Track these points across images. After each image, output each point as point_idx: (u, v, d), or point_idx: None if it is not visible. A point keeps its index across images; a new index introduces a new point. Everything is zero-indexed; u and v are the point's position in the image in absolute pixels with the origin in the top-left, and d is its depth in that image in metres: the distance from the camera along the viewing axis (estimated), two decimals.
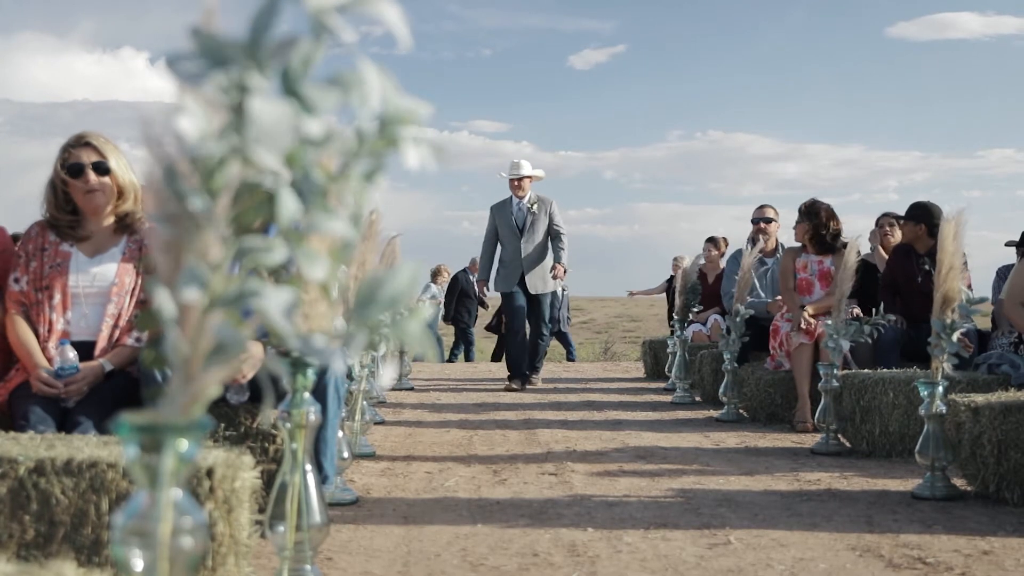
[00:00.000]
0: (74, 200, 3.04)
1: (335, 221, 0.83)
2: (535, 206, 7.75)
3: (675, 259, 11.15)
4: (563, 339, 13.26)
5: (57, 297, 2.98)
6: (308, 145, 0.80)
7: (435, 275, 13.20)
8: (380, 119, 0.84)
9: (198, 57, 0.77)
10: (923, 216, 5.63)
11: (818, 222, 5.69)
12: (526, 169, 7.82)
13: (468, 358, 13.32)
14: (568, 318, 13.51)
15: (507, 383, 7.76)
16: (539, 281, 7.74)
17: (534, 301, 7.78)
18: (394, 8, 0.81)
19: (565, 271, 7.76)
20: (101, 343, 2.97)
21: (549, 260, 7.77)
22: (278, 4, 0.78)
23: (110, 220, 3.09)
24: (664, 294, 11.25)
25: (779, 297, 6.19)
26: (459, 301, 12.85)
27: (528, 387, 7.73)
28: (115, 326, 3.01)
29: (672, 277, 11.11)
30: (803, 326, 5.41)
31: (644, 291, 12.26)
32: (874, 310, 4.85)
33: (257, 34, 0.77)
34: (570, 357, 13.36)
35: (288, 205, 0.81)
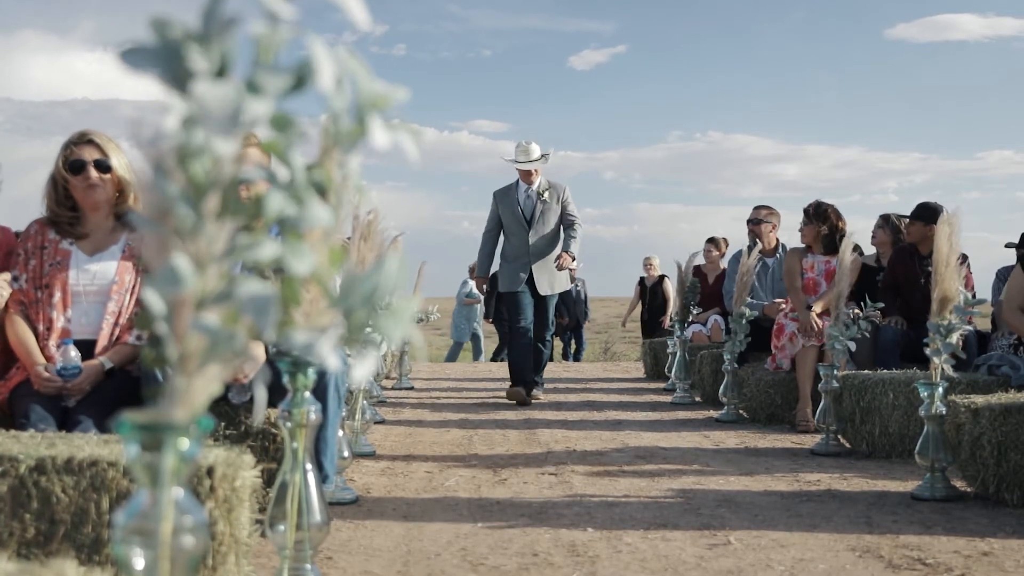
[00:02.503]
0: (74, 197, 3.05)
1: (317, 212, 0.82)
2: (546, 193, 6.63)
3: (646, 259, 11.07)
4: (578, 336, 13.11)
5: (57, 295, 2.98)
6: (274, 130, 0.79)
7: (472, 271, 12.85)
8: (354, 104, 0.83)
9: (151, 46, 0.76)
10: (931, 216, 5.56)
11: (829, 224, 5.70)
12: (536, 153, 6.59)
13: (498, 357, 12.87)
14: (586, 313, 13.33)
15: (509, 390, 6.64)
16: (547, 280, 6.64)
17: (540, 303, 6.69)
18: None
19: (573, 259, 6.61)
20: (102, 341, 2.97)
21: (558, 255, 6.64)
22: None
23: (110, 218, 3.09)
24: (641, 300, 11.07)
25: (776, 300, 6.19)
26: (499, 298, 12.36)
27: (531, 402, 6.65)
28: (116, 324, 3.01)
29: (643, 278, 11.04)
30: (813, 328, 5.42)
31: (629, 310, 12.06)
32: (863, 303, 4.81)
33: (205, 17, 0.76)
34: (576, 357, 13.27)
35: (275, 199, 0.80)
